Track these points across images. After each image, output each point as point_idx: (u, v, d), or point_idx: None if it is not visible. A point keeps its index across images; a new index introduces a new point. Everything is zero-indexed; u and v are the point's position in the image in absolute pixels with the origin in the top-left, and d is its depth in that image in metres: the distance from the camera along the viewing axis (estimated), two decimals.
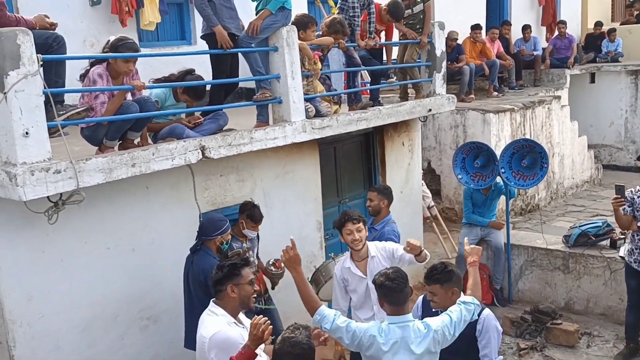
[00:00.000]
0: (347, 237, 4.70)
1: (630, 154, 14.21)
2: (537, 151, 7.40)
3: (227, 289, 3.66)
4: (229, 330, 3.59)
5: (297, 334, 3.18)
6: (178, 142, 4.93)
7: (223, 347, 3.52)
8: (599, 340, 6.64)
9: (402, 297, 3.60)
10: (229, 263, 3.71)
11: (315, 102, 6.23)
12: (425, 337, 3.57)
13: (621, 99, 14.24)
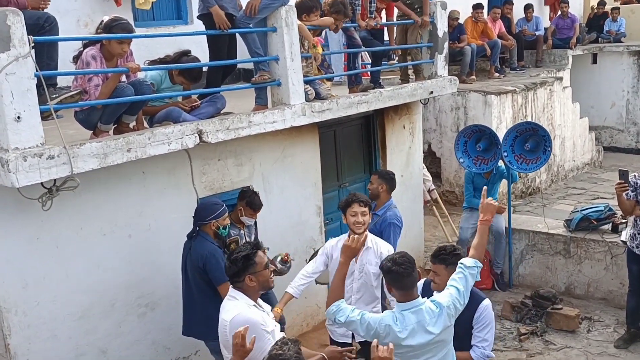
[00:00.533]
0: (351, 218, 4.59)
1: (631, 135, 14.13)
2: (540, 134, 7.30)
3: (245, 279, 3.59)
4: (249, 312, 3.54)
5: (285, 350, 2.98)
6: (175, 126, 4.81)
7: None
8: (599, 325, 6.61)
9: (410, 281, 3.51)
10: (242, 255, 3.58)
11: (315, 85, 6.11)
12: (440, 315, 3.52)
13: (623, 80, 14.11)
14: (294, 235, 6.36)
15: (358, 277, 4.62)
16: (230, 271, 3.62)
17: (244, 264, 3.57)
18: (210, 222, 4.73)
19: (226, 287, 4.53)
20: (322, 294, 6.70)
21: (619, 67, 14.07)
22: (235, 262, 3.58)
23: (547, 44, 13.18)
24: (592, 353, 6.10)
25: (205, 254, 4.61)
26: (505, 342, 6.36)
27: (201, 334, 4.79)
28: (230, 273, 3.62)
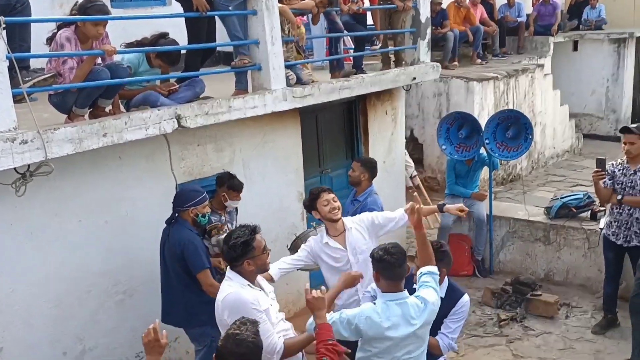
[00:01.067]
0: (324, 208, 4.52)
1: (610, 123, 14.21)
2: (521, 122, 7.30)
3: (243, 264, 3.58)
4: (241, 291, 3.53)
5: (242, 330, 2.93)
6: (152, 110, 4.71)
7: (233, 306, 3.47)
8: (577, 311, 6.67)
9: (400, 272, 3.49)
10: (241, 241, 3.55)
11: (297, 70, 6.02)
12: (424, 310, 3.50)
13: (603, 68, 14.16)
14: (275, 221, 6.30)
15: (355, 261, 4.53)
16: (229, 256, 3.60)
17: (242, 249, 3.56)
18: (189, 209, 4.64)
19: (204, 274, 4.50)
20: (304, 280, 6.65)
21: (600, 55, 14.11)
22: (234, 247, 3.56)
23: (529, 31, 13.18)
24: (570, 339, 6.15)
25: (183, 242, 4.53)
26: (486, 328, 6.38)
27: (180, 322, 4.73)
28: (229, 258, 3.61)
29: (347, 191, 6.72)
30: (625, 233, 5.85)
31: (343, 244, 4.55)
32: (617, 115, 14.17)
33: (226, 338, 2.92)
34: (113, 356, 5.03)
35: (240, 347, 2.86)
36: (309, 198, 4.66)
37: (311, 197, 4.62)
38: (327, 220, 4.56)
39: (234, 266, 3.63)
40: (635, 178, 5.71)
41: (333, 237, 4.58)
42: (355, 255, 4.54)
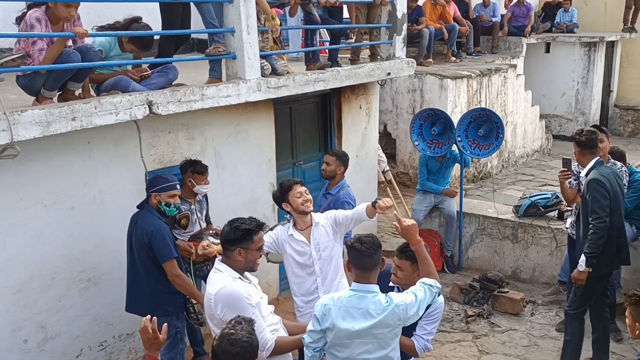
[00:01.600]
0: (297, 200, 4.46)
1: (579, 125, 14.39)
2: (493, 121, 7.36)
3: (234, 251, 3.53)
4: (234, 284, 3.47)
5: (237, 330, 2.90)
6: (123, 95, 4.62)
7: (227, 301, 3.42)
8: (542, 309, 6.76)
9: (368, 262, 3.41)
10: (244, 227, 3.51)
11: (272, 60, 5.97)
12: (385, 309, 3.38)
13: (574, 70, 14.39)
14: (246, 212, 6.19)
15: (317, 257, 4.49)
16: (227, 236, 3.54)
17: (242, 235, 3.51)
18: (152, 195, 4.57)
19: (171, 264, 4.44)
20: (273, 272, 6.65)
21: (571, 58, 14.33)
22: (235, 230, 3.52)
23: (503, 31, 13.30)
24: (534, 335, 6.23)
25: (150, 230, 4.45)
26: (453, 324, 6.43)
27: (145, 311, 4.62)
28: (225, 238, 3.55)
29: (319, 184, 6.71)
30: None
31: (308, 238, 4.50)
32: (586, 117, 14.41)
33: (221, 338, 2.89)
34: (76, 345, 4.94)
35: (234, 347, 2.83)
36: (280, 190, 4.58)
37: (282, 189, 4.55)
38: (297, 213, 4.51)
39: (226, 250, 3.56)
40: None
41: (299, 230, 4.54)
42: (319, 252, 4.50)
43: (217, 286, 3.47)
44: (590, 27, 15.27)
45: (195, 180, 5.13)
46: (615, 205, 4.98)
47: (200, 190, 5.18)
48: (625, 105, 15.46)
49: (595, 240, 4.92)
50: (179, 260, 4.63)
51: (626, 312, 3.49)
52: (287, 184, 4.56)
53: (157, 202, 4.57)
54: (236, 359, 2.83)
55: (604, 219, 4.88)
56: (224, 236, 3.58)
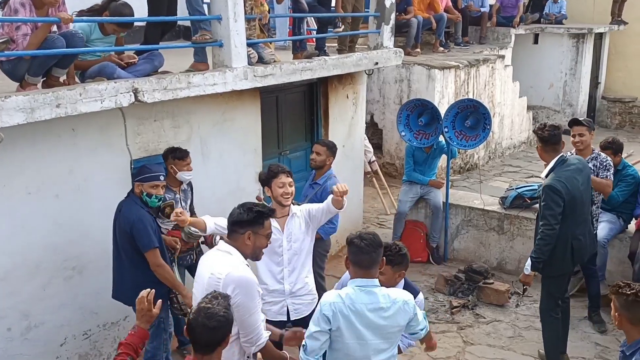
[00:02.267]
0: (279, 189, 4.47)
1: (566, 116, 14.48)
2: (480, 112, 7.41)
3: (244, 234, 3.45)
4: (246, 270, 3.40)
5: (214, 304, 2.91)
6: (108, 82, 4.63)
7: (241, 284, 3.32)
8: (527, 300, 6.83)
9: (366, 260, 3.36)
10: (256, 209, 3.47)
11: (259, 48, 6.00)
12: (395, 302, 3.35)
13: (562, 62, 14.50)
14: (231, 201, 6.14)
15: (287, 248, 4.50)
16: (238, 217, 3.47)
17: (255, 218, 3.45)
18: (136, 184, 4.60)
19: (153, 254, 4.47)
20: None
21: (559, 49, 14.44)
22: (248, 210, 3.46)
23: (491, 21, 13.38)
24: (519, 327, 6.33)
25: (132, 219, 4.48)
26: (438, 315, 6.54)
27: (128, 299, 4.69)
28: (236, 219, 3.47)
29: (306, 173, 6.78)
30: None
31: (282, 226, 4.50)
32: (574, 109, 14.55)
33: (197, 311, 2.90)
34: (60, 334, 4.98)
35: (211, 321, 2.85)
36: (267, 174, 4.58)
37: (269, 174, 4.55)
38: (276, 202, 4.55)
39: (234, 232, 3.48)
40: None
41: (275, 217, 4.54)
42: (289, 242, 4.50)
43: (227, 268, 3.35)
44: (579, 18, 15.41)
45: (177, 166, 5.14)
46: (571, 209, 4.93)
47: (183, 177, 5.20)
48: (612, 97, 15.62)
49: (541, 246, 4.98)
50: (163, 250, 4.67)
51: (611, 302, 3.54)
52: (274, 170, 4.55)
53: (139, 191, 4.60)
54: (212, 332, 2.86)
55: (552, 226, 4.89)
56: (234, 217, 3.49)
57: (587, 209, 5.20)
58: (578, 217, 5.04)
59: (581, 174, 5.05)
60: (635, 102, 15.32)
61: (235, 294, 3.29)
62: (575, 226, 5.03)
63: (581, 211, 5.06)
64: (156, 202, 4.66)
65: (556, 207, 4.87)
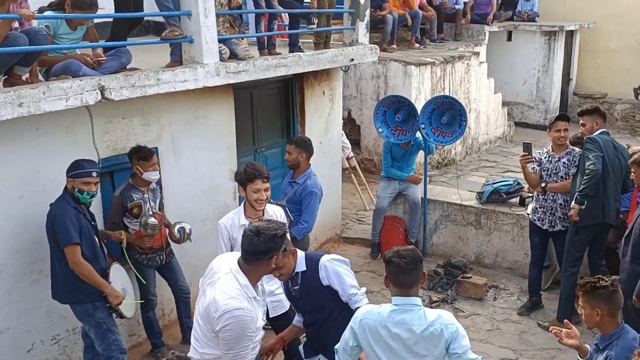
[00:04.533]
0: (253, 194, 4.31)
1: (540, 112, 14.57)
2: (456, 108, 7.25)
3: (270, 259, 3.25)
4: (249, 309, 3.18)
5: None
6: (73, 80, 4.36)
7: (234, 324, 3.12)
8: (504, 293, 6.77)
9: (408, 280, 3.12)
10: (282, 234, 3.25)
11: (231, 44, 5.75)
12: (431, 324, 3.09)
13: (535, 59, 14.46)
14: (206, 200, 6.04)
15: None
16: (266, 247, 3.20)
17: (281, 242, 3.26)
18: (67, 179, 4.35)
19: (70, 250, 4.22)
20: None
21: (532, 46, 14.38)
22: (274, 239, 3.21)
23: (465, 18, 13.27)
24: (497, 320, 6.22)
25: (54, 214, 4.27)
26: None
27: (61, 298, 4.50)
28: (265, 249, 3.20)
29: (282, 170, 6.56)
30: (550, 218, 6.01)
31: None
32: (547, 105, 14.54)
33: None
34: (27, 339, 4.70)
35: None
36: (245, 175, 4.37)
37: (247, 176, 4.35)
38: (249, 204, 4.37)
39: (258, 260, 3.23)
40: (559, 165, 5.93)
41: (250, 218, 4.39)
42: None
43: (234, 302, 3.14)
44: (551, 16, 15.37)
45: (142, 167, 4.90)
46: (605, 168, 5.42)
47: (149, 177, 4.95)
48: (583, 94, 15.66)
49: (587, 181, 5.34)
50: (94, 247, 4.43)
51: (580, 300, 3.43)
52: (251, 174, 4.34)
53: (71, 187, 4.34)
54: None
55: (596, 165, 5.33)
56: (261, 247, 3.20)
57: (613, 181, 5.57)
58: (607, 181, 5.50)
59: (618, 149, 5.60)
60: (605, 98, 15.36)
61: (226, 330, 3.13)
62: (608, 185, 5.52)
63: (610, 176, 5.51)
64: (88, 199, 4.40)
65: (597, 151, 5.40)
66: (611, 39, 15.29)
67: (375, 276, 7.03)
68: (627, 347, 3.23)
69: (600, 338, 3.43)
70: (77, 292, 4.38)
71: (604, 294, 3.33)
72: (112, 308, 4.47)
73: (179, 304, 5.43)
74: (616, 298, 3.36)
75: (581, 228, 5.62)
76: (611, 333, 3.35)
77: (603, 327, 3.39)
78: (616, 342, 3.30)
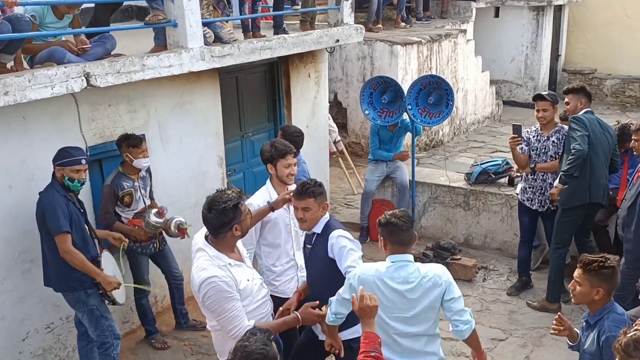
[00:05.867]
0: (285, 170, 4.46)
1: (528, 90, 14.73)
2: (443, 88, 7.34)
3: (231, 230, 3.44)
4: (218, 275, 3.38)
5: (251, 342, 2.77)
6: (58, 67, 4.50)
7: (208, 291, 3.36)
8: (494, 274, 6.99)
9: (406, 237, 3.49)
10: (232, 205, 3.39)
11: (216, 28, 5.89)
12: (424, 276, 3.46)
13: (522, 35, 14.60)
14: (194, 186, 6.22)
15: (294, 225, 4.50)
16: (219, 222, 3.41)
17: (234, 213, 3.42)
18: (56, 168, 4.50)
19: (61, 238, 4.40)
20: None
21: (519, 22, 14.53)
22: (225, 212, 3.38)
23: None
24: (486, 300, 6.45)
25: (43, 203, 4.42)
26: None
27: (54, 285, 4.68)
28: (218, 224, 3.42)
29: None
30: (540, 198, 6.18)
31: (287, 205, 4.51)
32: (535, 82, 14.74)
33: (235, 351, 2.77)
34: (21, 328, 4.89)
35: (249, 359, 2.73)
36: (275, 152, 4.49)
37: (276, 153, 4.48)
38: (279, 180, 4.54)
39: (219, 234, 3.45)
40: (548, 143, 6.05)
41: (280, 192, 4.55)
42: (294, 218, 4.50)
43: (204, 273, 3.38)
44: None
45: (132, 154, 5.07)
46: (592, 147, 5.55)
47: (140, 164, 5.12)
48: (572, 70, 15.84)
49: (572, 161, 5.49)
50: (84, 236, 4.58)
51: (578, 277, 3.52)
52: (282, 150, 4.49)
53: (60, 176, 4.50)
54: None
55: (581, 145, 5.46)
56: (215, 223, 3.42)
57: (602, 159, 5.71)
58: (594, 160, 5.62)
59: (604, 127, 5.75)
60: (594, 73, 15.58)
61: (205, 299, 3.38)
62: (592, 167, 5.63)
63: (596, 156, 5.64)
64: (79, 186, 4.56)
65: (583, 130, 5.53)
66: (600, 13, 15.46)
67: (366, 260, 7.20)
68: (617, 320, 3.43)
69: (590, 315, 3.57)
70: (69, 280, 4.55)
71: (607, 274, 3.43)
72: (105, 295, 4.65)
73: (172, 290, 5.65)
74: (617, 278, 3.50)
75: (568, 210, 5.78)
76: (601, 309, 3.49)
77: (595, 304, 3.50)
78: (607, 316, 3.46)
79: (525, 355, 5.56)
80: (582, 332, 3.66)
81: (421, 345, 3.62)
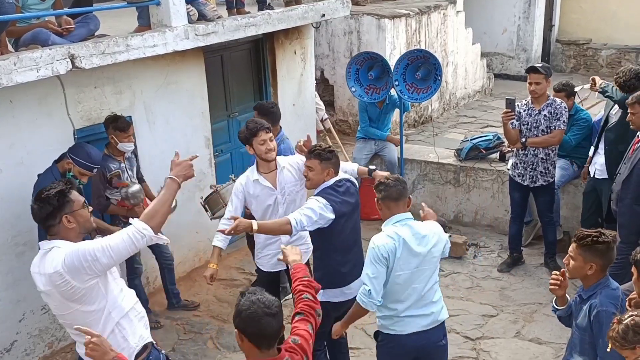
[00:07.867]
0: (261, 147, 4.71)
1: (521, 62, 14.80)
2: (431, 62, 7.50)
3: (61, 221, 3.36)
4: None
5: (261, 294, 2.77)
6: (43, 49, 4.72)
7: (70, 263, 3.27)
8: (485, 251, 7.30)
9: (395, 191, 3.92)
10: (55, 192, 3.34)
11: (199, 5, 6.08)
12: (432, 231, 4.01)
13: (515, 5, 14.62)
14: None
15: (282, 201, 4.82)
16: (43, 212, 3.34)
17: (59, 200, 3.34)
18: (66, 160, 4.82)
19: None
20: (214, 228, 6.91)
21: None
22: (48, 200, 3.33)
23: None
24: (477, 277, 6.78)
25: (42, 185, 4.51)
26: None
27: None
28: (44, 215, 3.35)
29: None
30: (531, 174, 6.39)
31: (273, 183, 4.81)
32: (528, 54, 14.86)
33: (252, 303, 2.73)
34: (17, 310, 5.18)
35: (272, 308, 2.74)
36: (247, 132, 4.76)
37: (249, 132, 4.74)
38: (260, 159, 4.80)
39: (51, 226, 3.36)
40: (539, 117, 6.21)
41: (263, 174, 4.83)
42: (284, 195, 4.83)
43: (57, 262, 3.28)
44: None
45: (118, 138, 5.31)
46: None
47: (124, 147, 5.37)
48: (567, 40, 15.92)
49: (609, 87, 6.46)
50: None
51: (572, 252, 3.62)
52: (253, 128, 4.74)
53: (66, 168, 4.80)
54: (275, 319, 2.74)
55: None
56: (41, 214, 3.36)
57: None
58: None
59: None
60: (589, 43, 15.68)
61: (65, 281, 3.30)
62: None
63: None
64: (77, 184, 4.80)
65: None
66: None
67: None
68: (611, 295, 3.56)
69: (583, 289, 3.69)
70: None
71: (602, 249, 3.49)
72: None
73: (164, 271, 5.96)
74: (612, 254, 3.55)
75: None
76: (595, 284, 3.57)
77: (589, 279, 3.59)
78: (600, 291, 3.58)
79: (517, 331, 5.85)
80: (574, 305, 3.77)
81: (438, 295, 4.13)
